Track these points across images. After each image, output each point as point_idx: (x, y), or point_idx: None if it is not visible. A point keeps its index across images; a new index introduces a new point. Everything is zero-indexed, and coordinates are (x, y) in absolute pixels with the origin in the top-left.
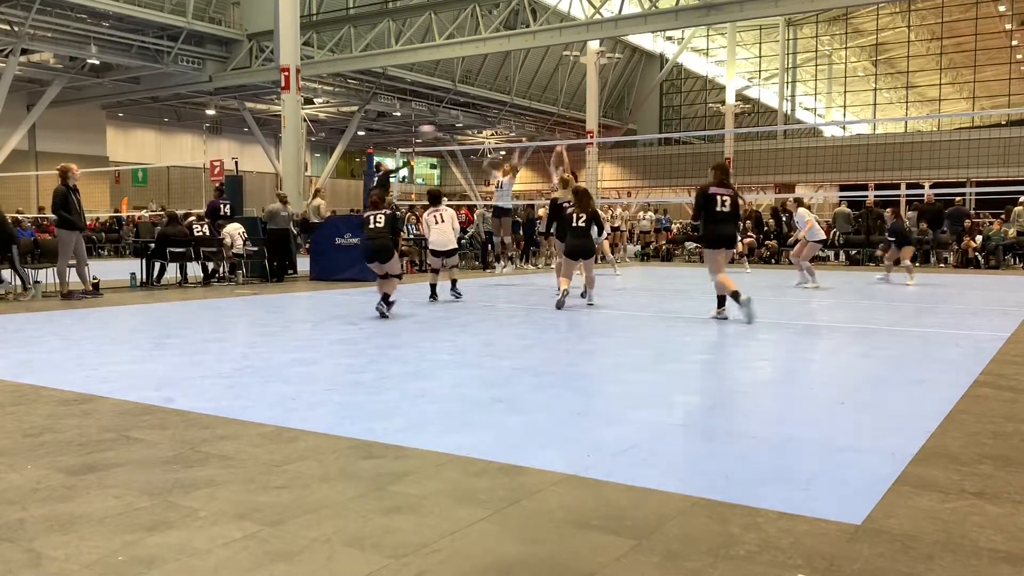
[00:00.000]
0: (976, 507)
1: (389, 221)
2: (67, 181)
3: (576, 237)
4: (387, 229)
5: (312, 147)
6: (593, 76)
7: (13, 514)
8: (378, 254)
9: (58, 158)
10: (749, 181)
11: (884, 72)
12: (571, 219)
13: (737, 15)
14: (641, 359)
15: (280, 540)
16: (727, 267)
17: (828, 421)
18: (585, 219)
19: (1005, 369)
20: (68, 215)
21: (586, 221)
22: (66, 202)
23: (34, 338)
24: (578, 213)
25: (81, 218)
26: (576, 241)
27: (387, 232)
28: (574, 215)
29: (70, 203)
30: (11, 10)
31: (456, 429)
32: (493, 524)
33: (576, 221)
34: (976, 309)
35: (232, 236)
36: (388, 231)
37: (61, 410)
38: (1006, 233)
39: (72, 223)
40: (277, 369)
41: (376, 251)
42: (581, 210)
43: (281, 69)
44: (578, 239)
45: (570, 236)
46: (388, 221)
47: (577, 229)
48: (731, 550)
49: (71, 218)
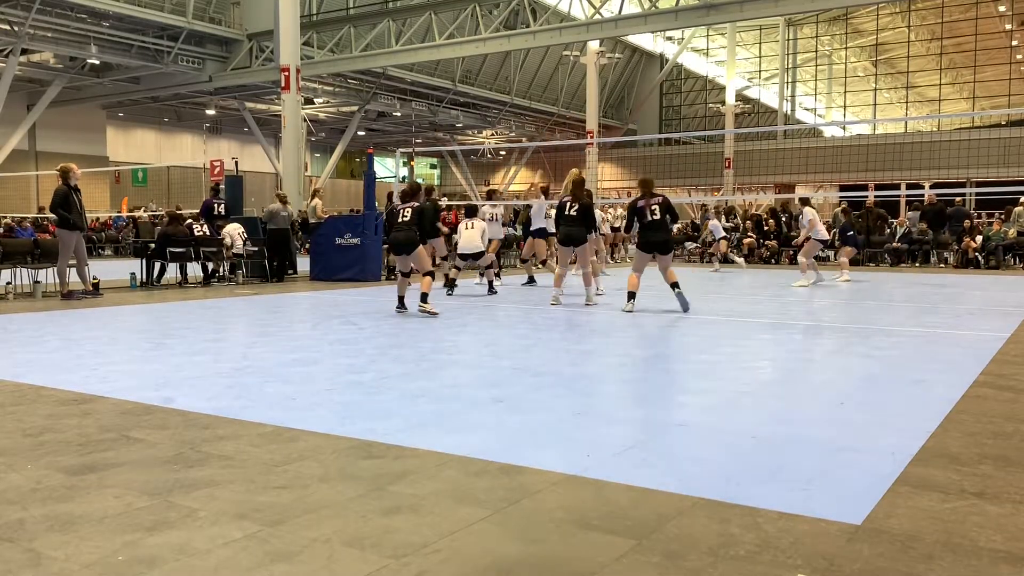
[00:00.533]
0: (976, 507)
1: (416, 214)
2: (68, 181)
3: (567, 225)
4: (413, 221)
5: (312, 147)
6: (593, 76)
7: (13, 514)
8: (402, 246)
9: (58, 158)
10: (749, 181)
11: (884, 72)
12: (564, 208)
13: (737, 15)
14: (641, 359)
15: (280, 540)
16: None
17: (828, 421)
18: (577, 209)
19: (1005, 369)
20: (68, 214)
21: (577, 211)
22: (66, 201)
23: (34, 338)
24: (571, 204)
25: (82, 218)
26: (567, 229)
27: (413, 224)
28: (567, 204)
29: (71, 202)
30: (11, 10)
31: (456, 429)
32: (493, 524)
33: (568, 210)
34: (976, 309)
35: (232, 236)
36: (414, 223)
37: (61, 410)
38: (1006, 233)
39: (72, 223)
40: (277, 369)
41: (399, 244)
42: (573, 201)
43: (281, 69)
44: (568, 227)
45: (562, 224)
46: (415, 214)
47: (568, 218)
48: (731, 550)
49: (71, 217)
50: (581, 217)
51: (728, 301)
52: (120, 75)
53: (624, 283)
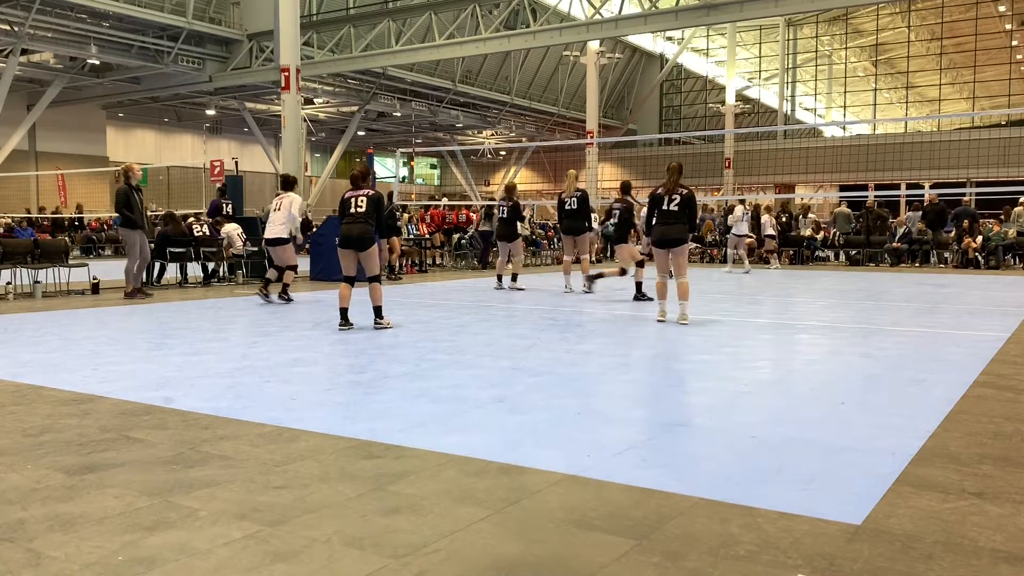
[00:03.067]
0: (976, 507)
1: (372, 204)
2: (130, 181)
3: (568, 219)
4: (369, 213)
5: (312, 147)
6: (593, 76)
7: (13, 514)
8: (353, 242)
9: (58, 158)
10: (749, 181)
11: (884, 72)
12: (564, 204)
13: (737, 15)
14: (641, 359)
15: (280, 540)
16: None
17: (828, 421)
18: (506, 210)
19: (1005, 369)
20: (131, 214)
21: (508, 211)
22: (128, 202)
23: (34, 338)
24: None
25: (143, 218)
26: (568, 222)
27: (369, 217)
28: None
29: (132, 202)
30: (11, 10)
31: (456, 429)
32: (493, 524)
33: (500, 212)
34: (976, 309)
35: (231, 236)
36: (370, 215)
37: (61, 410)
38: (1006, 233)
39: (134, 222)
40: (277, 369)
41: (351, 239)
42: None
43: (281, 69)
44: (569, 220)
45: (565, 218)
46: (371, 204)
47: (568, 212)
48: (731, 550)
49: (133, 217)
50: (580, 210)
51: (728, 301)
52: (120, 75)
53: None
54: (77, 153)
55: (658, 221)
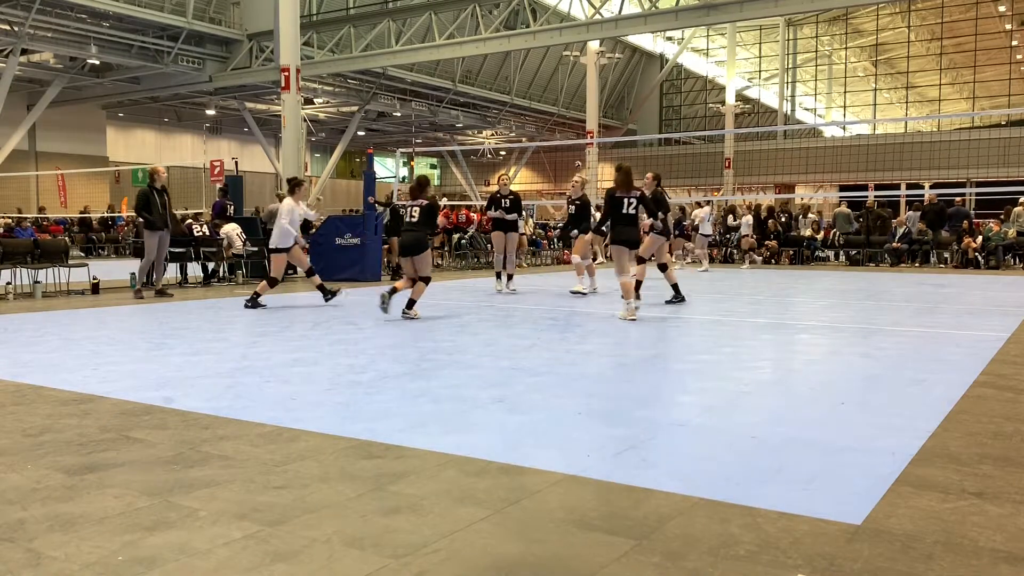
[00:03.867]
0: (976, 507)
1: (425, 213)
2: (154, 183)
3: (406, 231)
4: (421, 222)
5: (312, 147)
6: (593, 76)
7: (13, 514)
8: (409, 248)
9: (58, 158)
10: (749, 181)
11: (884, 72)
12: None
13: (737, 15)
14: (641, 359)
15: (280, 540)
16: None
17: (828, 421)
18: (416, 213)
19: (1005, 369)
20: (149, 215)
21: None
22: (147, 204)
23: (34, 338)
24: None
25: (163, 218)
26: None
27: (421, 225)
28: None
29: (151, 204)
30: (11, 10)
31: (456, 429)
32: (493, 524)
33: (408, 216)
34: (976, 309)
35: (230, 236)
36: (423, 224)
37: (61, 410)
38: (1006, 233)
39: (152, 223)
40: (277, 369)
41: (408, 246)
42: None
43: (281, 69)
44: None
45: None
46: (423, 213)
47: (408, 224)
48: (731, 550)
49: (151, 219)
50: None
51: (728, 301)
52: (120, 75)
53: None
54: (77, 153)
55: (620, 223)
